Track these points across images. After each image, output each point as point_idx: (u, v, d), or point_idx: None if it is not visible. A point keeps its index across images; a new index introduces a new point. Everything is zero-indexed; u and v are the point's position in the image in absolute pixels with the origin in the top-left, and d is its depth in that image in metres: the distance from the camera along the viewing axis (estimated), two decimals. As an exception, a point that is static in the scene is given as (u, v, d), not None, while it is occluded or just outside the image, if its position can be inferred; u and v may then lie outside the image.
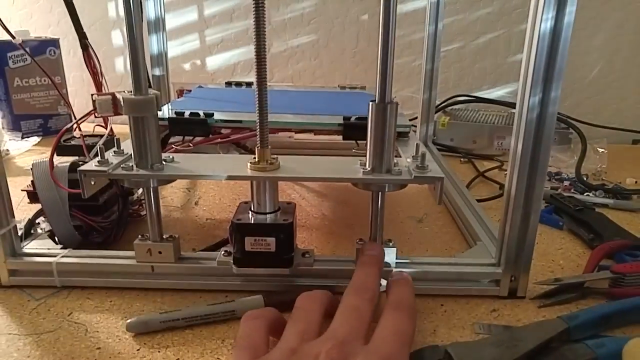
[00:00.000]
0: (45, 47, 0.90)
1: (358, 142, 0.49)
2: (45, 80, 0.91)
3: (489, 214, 0.56)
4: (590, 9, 0.98)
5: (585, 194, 0.67)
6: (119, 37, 1.08)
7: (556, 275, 0.46)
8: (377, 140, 0.37)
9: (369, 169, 0.38)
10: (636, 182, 0.72)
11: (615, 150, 0.85)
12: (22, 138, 0.90)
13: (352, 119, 0.49)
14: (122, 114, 0.38)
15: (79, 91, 1.09)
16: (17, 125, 0.91)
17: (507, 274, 0.42)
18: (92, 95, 0.38)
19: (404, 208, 0.63)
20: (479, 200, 0.61)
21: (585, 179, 0.72)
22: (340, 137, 0.50)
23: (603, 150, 0.78)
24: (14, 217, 0.43)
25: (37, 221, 0.49)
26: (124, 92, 0.38)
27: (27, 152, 0.85)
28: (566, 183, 0.71)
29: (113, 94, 0.38)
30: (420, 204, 0.64)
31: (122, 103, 0.37)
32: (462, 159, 0.85)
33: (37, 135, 0.92)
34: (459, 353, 0.33)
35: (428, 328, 0.38)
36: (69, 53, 1.00)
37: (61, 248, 0.45)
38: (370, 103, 0.37)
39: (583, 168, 0.74)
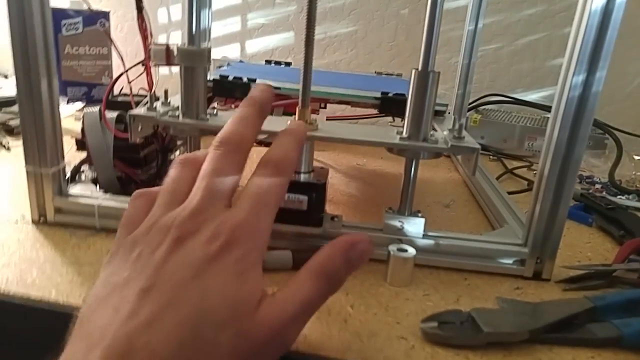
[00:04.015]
0: (97, 18, 0.94)
1: (394, 117, 0.50)
2: (93, 50, 0.95)
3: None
4: (636, 16, 0.97)
5: (618, 196, 0.66)
6: (164, 15, 1.11)
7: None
8: (417, 108, 0.38)
9: (405, 135, 0.39)
10: (671, 191, 0.70)
11: (651, 160, 0.83)
12: (67, 103, 0.94)
13: (390, 94, 0.50)
14: (174, 64, 0.40)
15: (121, 66, 1.13)
16: (64, 90, 0.95)
17: (533, 255, 0.42)
18: (148, 45, 0.40)
19: (431, 195, 0.63)
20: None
21: (618, 184, 0.71)
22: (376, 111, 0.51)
23: (639, 157, 0.77)
24: (64, 158, 0.45)
25: (81, 169, 0.52)
26: (177, 44, 0.40)
27: (69, 116, 0.89)
28: (598, 186, 0.70)
29: (167, 45, 0.40)
30: (447, 192, 0.65)
31: (175, 53, 0.39)
32: (491, 157, 0.85)
33: (81, 102, 0.96)
34: (483, 317, 0.34)
35: (451, 297, 0.39)
36: (116, 28, 1.04)
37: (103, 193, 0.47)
38: (413, 70, 0.38)
39: (617, 174, 0.73)
